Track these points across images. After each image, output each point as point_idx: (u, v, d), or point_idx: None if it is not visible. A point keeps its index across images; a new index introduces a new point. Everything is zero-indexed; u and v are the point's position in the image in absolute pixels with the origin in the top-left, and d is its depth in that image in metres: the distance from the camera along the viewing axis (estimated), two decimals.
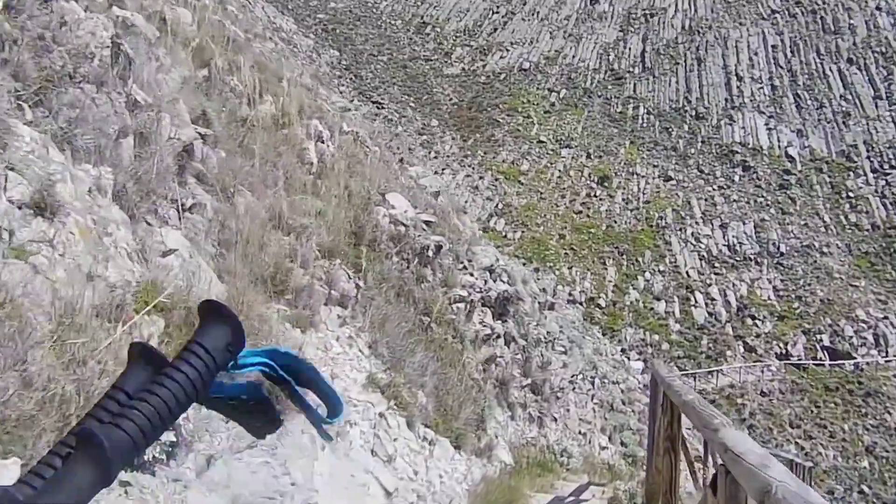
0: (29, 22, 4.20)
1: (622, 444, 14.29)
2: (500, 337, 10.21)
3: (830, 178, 54.45)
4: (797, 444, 32.83)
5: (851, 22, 66.85)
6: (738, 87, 63.82)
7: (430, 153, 57.88)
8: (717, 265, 46.69)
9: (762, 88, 63.55)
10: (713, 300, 43.35)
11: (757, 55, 66.86)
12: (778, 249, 47.59)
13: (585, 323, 33.38)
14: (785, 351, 39.18)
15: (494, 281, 11.17)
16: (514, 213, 53.00)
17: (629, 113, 65.66)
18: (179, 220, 4.63)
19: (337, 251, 6.96)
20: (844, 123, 58.17)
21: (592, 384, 16.08)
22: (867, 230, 49.48)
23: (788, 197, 52.93)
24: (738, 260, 47.03)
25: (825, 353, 38.81)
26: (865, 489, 30.65)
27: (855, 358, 37.95)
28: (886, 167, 53.75)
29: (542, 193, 55.56)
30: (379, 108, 60.98)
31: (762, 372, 37.42)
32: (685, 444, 4.97)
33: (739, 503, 2.17)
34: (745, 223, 50.31)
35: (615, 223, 51.95)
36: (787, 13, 70.72)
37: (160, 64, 6.88)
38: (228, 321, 0.95)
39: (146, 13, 6.76)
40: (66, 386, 2.09)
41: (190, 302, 3.25)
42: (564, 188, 56.45)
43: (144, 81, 5.45)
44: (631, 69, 70.81)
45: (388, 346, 6.50)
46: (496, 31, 79.28)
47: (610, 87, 69.38)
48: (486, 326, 9.78)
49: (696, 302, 43.19)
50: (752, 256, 47.19)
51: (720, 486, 2.29)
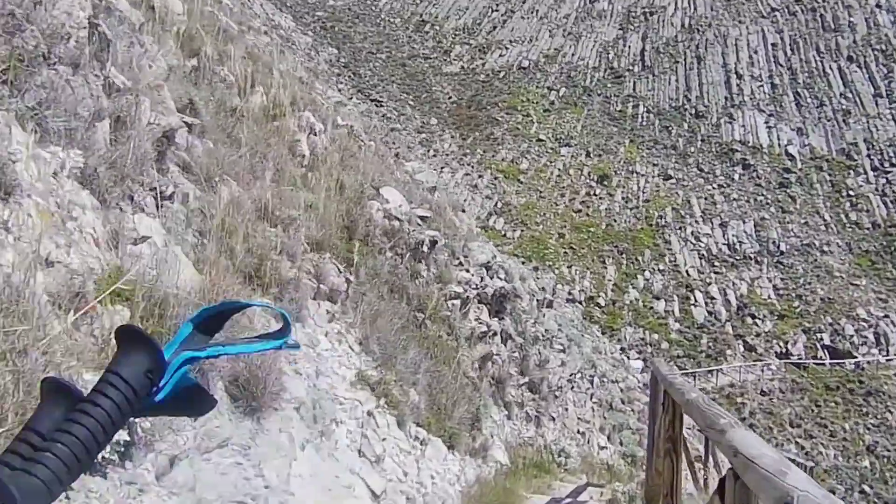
0: None
1: (621, 443, 14.09)
2: (496, 334, 9.99)
3: (831, 176, 54.30)
4: (797, 443, 32.70)
5: (851, 19, 66.69)
6: (737, 85, 63.65)
7: (429, 151, 57.68)
8: (716, 264, 46.52)
9: (762, 86, 63.38)
10: (713, 299, 43.17)
11: (757, 53, 66.70)
12: (778, 248, 47.43)
13: (585, 322, 33.19)
14: (785, 350, 39.02)
15: (491, 277, 10.95)
16: (513, 211, 52.80)
17: (629, 111, 65.48)
18: (158, 207, 4.41)
19: (327, 245, 6.75)
20: (844, 121, 58.02)
21: (591, 383, 15.87)
22: (867, 228, 49.33)
23: (788, 195, 52.77)
24: (738, 259, 46.86)
25: (826, 351, 38.67)
26: (866, 489, 30.51)
27: (855, 357, 37.81)
28: (887, 165, 53.61)
29: (541, 192, 55.37)
30: (378, 106, 60.79)
31: (762, 371, 37.27)
32: (686, 444, 4.76)
33: None
34: (745, 222, 50.14)
35: (615, 222, 51.77)
36: (786, 11, 70.56)
37: (145, 50, 6.67)
38: (147, 347, 0.92)
39: None
40: (3, 377, 1.88)
41: (158, 291, 3.04)
42: (564, 187, 56.25)
43: (125, 65, 5.24)
44: (630, 67, 70.64)
45: (379, 342, 6.28)
46: (495, 29, 79.10)
47: (609, 85, 69.21)
48: (482, 324, 9.56)
49: (695, 301, 43.02)
50: (752, 255, 47.03)
51: (728, 492, 2.06)
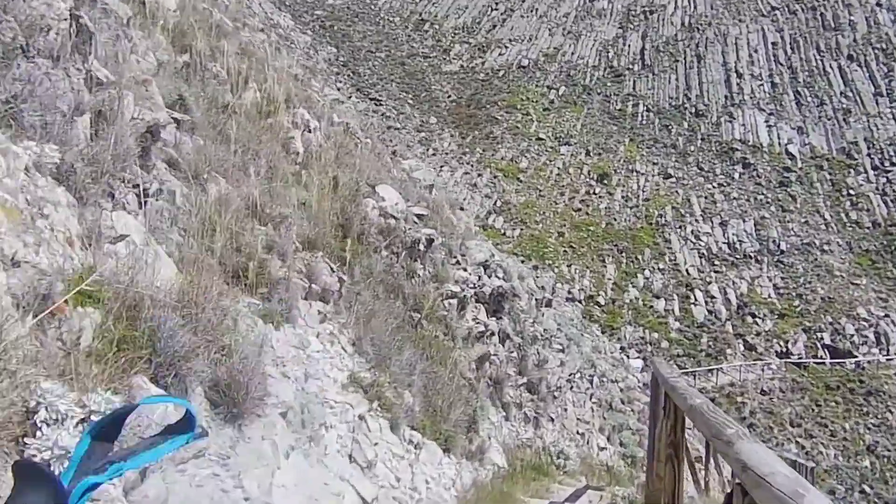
0: None
1: (621, 444, 13.94)
2: (494, 334, 9.84)
3: (831, 175, 54.16)
4: (798, 443, 32.56)
5: (851, 18, 66.52)
6: (737, 84, 63.48)
7: (428, 150, 57.54)
8: (716, 263, 46.38)
9: (762, 85, 63.21)
10: (713, 298, 43.03)
11: (757, 52, 66.53)
12: (778, 247, 47.28)
13: (584, 321, 33.02)
14: (785, 349, 38.89)
15: (489, 276, 10.81)
16: (512, 210, 52.64)
17: (628, 110, 65.33)
18: (141, 205, 4.26)
19: (320, 243, 6.60)
20: (845, 120, 57.87)
21: (591, 383, 15.71)
22: (868, 228, 49.20)
23: (789, 194, 52.62)
24: (738, 258, 46.71)
25: (826, 351, 38.53)
26: (867, 489, 30.38)
27: (856, 356, 37.68)
28: (887, 164, 53.47)
29: (541, 191, 55.20)
30: (377, 104, 60.63)
31: (762, 370, 37.13)
32: (687, 447, 4.62)
33: None
34: (745, 221, 50.00)
35: (614, 221, 51.61)
36: (786, 10, 70.39)
37: (133, 44, 6.53)
38: (44, 482, 0.84)
39: None
40: None
41: (133, 292, 2.89)
42: (563, 186, 56.09)
43: (109, 59, 5.09)
44: (630, 66, 70.47)
45: (373, 343, 6.13)
46: (495, 28, 78.92)
47: (609, 84, 69.04)
48: (479, 323, 9.41)
49: (695, 300, 42.88)
50: (752, 254, 46.89)
51: None
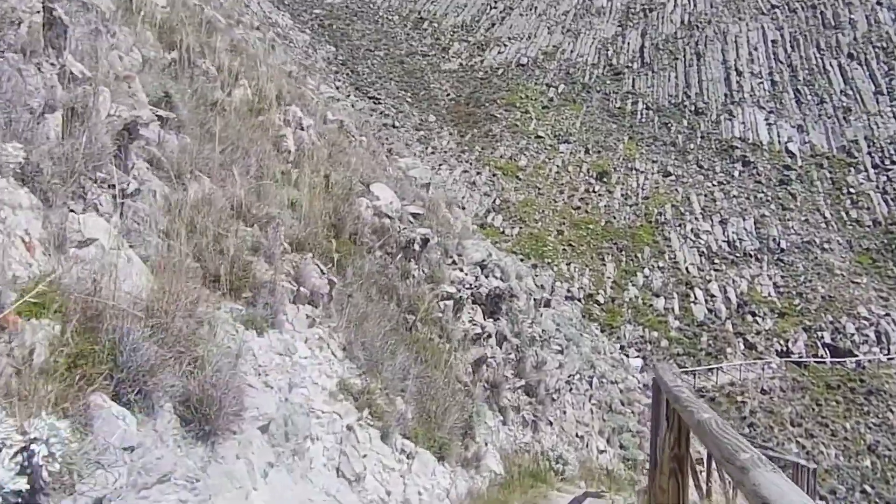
0: None
1: (621, 446, 13.74)
2: (491, 336, 9.63)
3: (831, 173, 53.98)
4: (798, 442, 32.37)
5: (852, 17, 66.31)
6: (737, 82, 63.27)
7: (427, 148, 57.32)
8: (716, 261, 46.19)
9: (762, 83, 63.00)
10: (713, 297, 42.84)
11: (757, 50, 66.32)
12: (778, 245, 47.10)
13: (584, 320, 32.82)
14: (786, 348, 38.71)
15: (486, 277, 10.60)
16: (511, 208, 52.43)
17: (628, 108, 65.13)
18: (116, 207, 4.05)
19: (310, 244, 6.39)
20: (845, 119, 57.68)
21: (590, 384, 15.50)
22: (868, 226, 49.04)
23: (789, 193, 52.44)
24: (738, 256, 46.53)
25: (826, 350, 38.35)
26: (868, 488, 30.23)
27: (856, 355, 37.50)
28: (887, 163, 53.30)
29: (540, 189, 55.00)
30: (376, 103, 60.42)
31: (763, 369, 36.94)
32: (692, 460, 4.41)
33: None
34: (744, 219, 49.81)
35: (614, 219, 51.42)
36: (786, 8, 70.18)
37: (115, 40, 6.31)
38: None
39: None
40: None
41: (95, 301, 2.68)
42: (563, 184, 55.88)
43: (86, 54, 4.87)
44: (630, 64, 70.26)
45: (364, 347, 5.92)
46: (494, 26, 78.69)
47: (608, 82, 68.83)
48: (476, 325, 9.21)
49: (695, 298, 42.69)
50: (752, 253, 46.70)
51: None
